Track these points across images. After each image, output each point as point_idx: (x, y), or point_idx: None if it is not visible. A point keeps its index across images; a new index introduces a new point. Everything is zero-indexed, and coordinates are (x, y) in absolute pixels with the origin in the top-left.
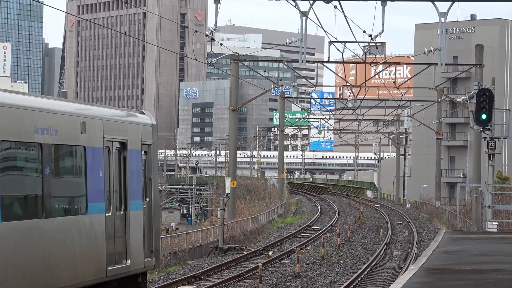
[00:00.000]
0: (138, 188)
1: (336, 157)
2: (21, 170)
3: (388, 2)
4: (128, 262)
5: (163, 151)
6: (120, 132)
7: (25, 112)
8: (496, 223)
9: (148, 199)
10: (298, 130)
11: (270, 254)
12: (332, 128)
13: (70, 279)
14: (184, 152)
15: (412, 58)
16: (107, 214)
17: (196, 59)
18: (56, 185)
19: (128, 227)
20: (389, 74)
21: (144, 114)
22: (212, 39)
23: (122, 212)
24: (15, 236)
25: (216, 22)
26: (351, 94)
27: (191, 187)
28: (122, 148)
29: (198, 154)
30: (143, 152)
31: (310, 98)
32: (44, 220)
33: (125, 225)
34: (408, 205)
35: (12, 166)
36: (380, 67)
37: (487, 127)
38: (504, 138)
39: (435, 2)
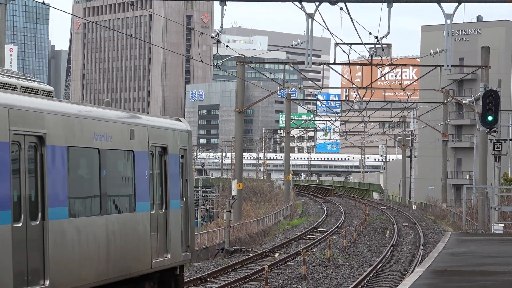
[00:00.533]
0: (176, 188)
1: (343, 159)
2: (84, 172)
3: (394, 4)
4: (169, 255)
5: None
6: (162, 138)
7: (87, 121)
8: (503, 224)
9: (184, 199)
10: (304, 132)
11: (276, 256)
12: (338, 130)
13: (122, 270)
14: None
15: (418, 59)
16: (151, 212)
17: (202, 61)
18: (111, 185)
19: (169, 224)
20: (395, 76)
21: (180, 121)
22: (218, 41)
23: (163, 210)
24: (78, 230)
25: (222, 24)
26: (357, 96)
27: (197, 189)
28: (163, 152)
29: (204, 156)
30: (180, 156)
31: (316, 100)
32: (101, 217)
33: (166, 222)
34: (414, 207)
35: (77, 169)
36: (386, 69)
37: (493, 129)
38: (511, 140)
39: (441, 4)
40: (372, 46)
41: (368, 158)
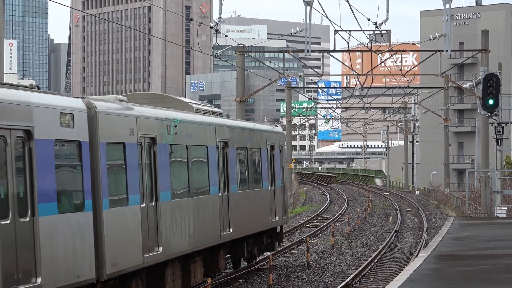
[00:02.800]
0: (279, 172)
1: (347, 146)
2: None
3: None
4: (276, 218)
5: None
6: (272, 139)
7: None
8: (506, 208)
9: (282, 180)
10: (306, 120)
11: (280, 244)
12: (339, 117)
13: (255, 227)
14: None
15: (418, 45)
16: (269, 188)
17: (201, 52)
18: (254, 173)
19: (277, 196)
20: (395, 61)
21: (277, 126)
22: (217, 31)
23: (273, 187)
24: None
25: (221, 14)
26: (358, 82)
27: None
28: (271, 148)
29: None
30: (279, 151)
31: (317, 88)
32: (247, 191)
33: (275, 195)
34: (417, 192)
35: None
36: (386, 55)
37: (494, 113)
38: None
39: None
40: (372, 32)
41: (370, 144)
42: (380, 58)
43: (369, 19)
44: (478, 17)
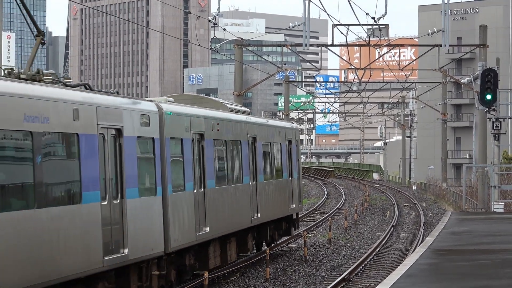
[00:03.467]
0: (296, 165)
1: (345, 139)
2: (221, 157)
3: None
4: (294, 205)
5: None
6: (289, 134)
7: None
8: (503, 203)
9: (298, 171)
10: (304, 114)
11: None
12: (337, 111)
13: (277, 214)
14: None
15: (416, 40)
16: (288, 179)
17: (199, 45)
18: (273, 165)
19: (295, 186)
20: (394, 56)
21: (293, 123)
22: (216, 24)
23: (291, 178)
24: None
25: (219, 7)
26: (356, 77)
27: None
28: (289, 143)
29: None
30: (296, 145)
31: (315, 82)
32: (272, 181)
33: (292, 185)
34: (414, 187)
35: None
36: (384, 50)
37: (492, 108)
38: (510, 118)
39: None
40: (370, 27)
41: (367, 139)
42: (378, 52)
43: (367, 14)
44: (476, 12)
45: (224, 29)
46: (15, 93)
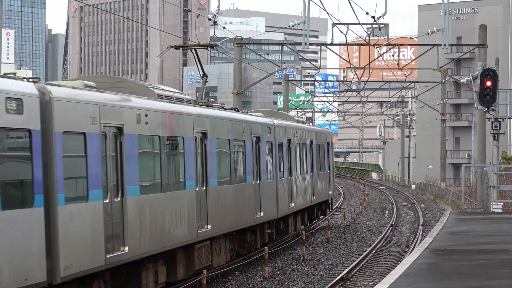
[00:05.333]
0: (331, 161)
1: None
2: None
3: None
4: (330, 192)
5: None
6: (326, 138)
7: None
8: (502, 203)
9: (332, 166)
10: (303, 113)
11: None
12: (336, 110)
13: (323, 198)
14: None
15: (415, 39)
16: (327, 172)
17: (199, 43)
18: (315, 161)
19: (331, 177)
20: (393, 55)
21: (328, 129)
22: (215, 23)
23: (327, 172)
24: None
25: (218, 5)
26: (355, 76)
27: None
28: (327, 145)
29: None
30: (330, 146)
31: (314, 81)
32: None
33: (329, 177)
34: (413, 187)
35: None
36: (384, 49)
37: (491, 108)
38: (509, 118)
39: None
40: (370, 26)
41: (368, 145)
42: (378, 52)
43: (367, 13)
44: (476, 11)
45: (224, 28)
46: None
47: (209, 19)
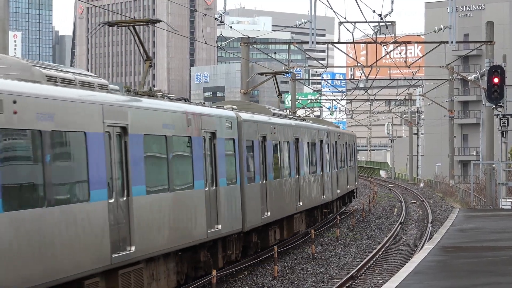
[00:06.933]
0: (353, 158)
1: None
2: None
3: None
4: (356, 183)
5: None
6: (349, 138)
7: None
8: (510, 200)
9: (356, 162)
10: (310, 111)
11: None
12: (344, 109)
13: (350, 189)
14: None
15: (422, 37)
16: (350, 166)
17: (206, 43)
18: (338, 159)
19: (355, 171)
20: (400, 53)
21: (353, 132)
22: (222, 22)
23: (350, 167)
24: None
25: (225, 5)
26: (362, 74)
27: None
28: (354, 145)
29: None
30: (353, 145)
31: (321, 80)
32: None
33: (347, 173)
34: (422, 184)
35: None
36: (391, 47)
37: (499, 104)
38: None
39: None
40: (376, 24)
41: (376, 143)
42: (385, 49)
43: (374, 11)
44: (483, 8)
45: (231, 27)
46: None
47: (216, 19)
